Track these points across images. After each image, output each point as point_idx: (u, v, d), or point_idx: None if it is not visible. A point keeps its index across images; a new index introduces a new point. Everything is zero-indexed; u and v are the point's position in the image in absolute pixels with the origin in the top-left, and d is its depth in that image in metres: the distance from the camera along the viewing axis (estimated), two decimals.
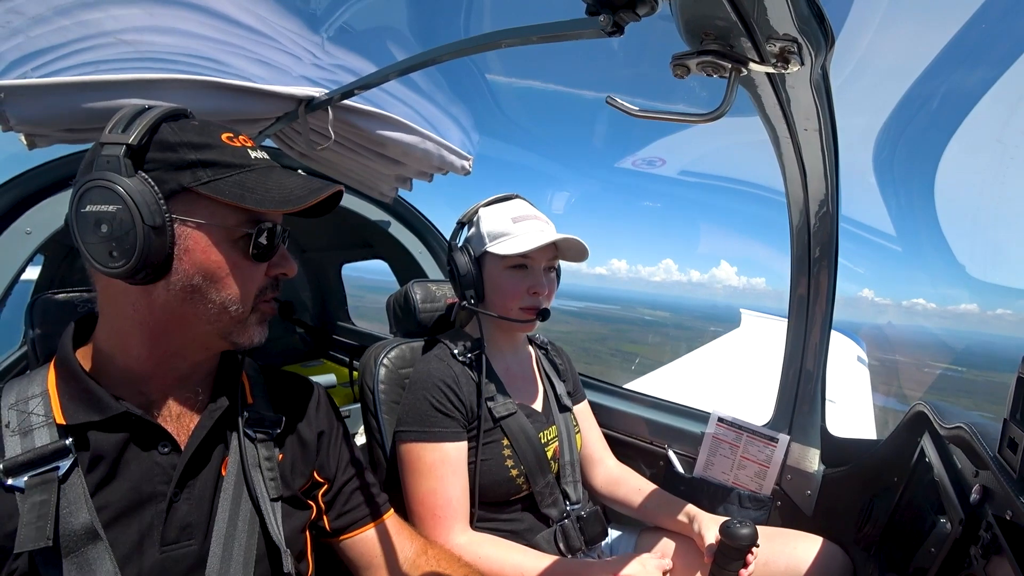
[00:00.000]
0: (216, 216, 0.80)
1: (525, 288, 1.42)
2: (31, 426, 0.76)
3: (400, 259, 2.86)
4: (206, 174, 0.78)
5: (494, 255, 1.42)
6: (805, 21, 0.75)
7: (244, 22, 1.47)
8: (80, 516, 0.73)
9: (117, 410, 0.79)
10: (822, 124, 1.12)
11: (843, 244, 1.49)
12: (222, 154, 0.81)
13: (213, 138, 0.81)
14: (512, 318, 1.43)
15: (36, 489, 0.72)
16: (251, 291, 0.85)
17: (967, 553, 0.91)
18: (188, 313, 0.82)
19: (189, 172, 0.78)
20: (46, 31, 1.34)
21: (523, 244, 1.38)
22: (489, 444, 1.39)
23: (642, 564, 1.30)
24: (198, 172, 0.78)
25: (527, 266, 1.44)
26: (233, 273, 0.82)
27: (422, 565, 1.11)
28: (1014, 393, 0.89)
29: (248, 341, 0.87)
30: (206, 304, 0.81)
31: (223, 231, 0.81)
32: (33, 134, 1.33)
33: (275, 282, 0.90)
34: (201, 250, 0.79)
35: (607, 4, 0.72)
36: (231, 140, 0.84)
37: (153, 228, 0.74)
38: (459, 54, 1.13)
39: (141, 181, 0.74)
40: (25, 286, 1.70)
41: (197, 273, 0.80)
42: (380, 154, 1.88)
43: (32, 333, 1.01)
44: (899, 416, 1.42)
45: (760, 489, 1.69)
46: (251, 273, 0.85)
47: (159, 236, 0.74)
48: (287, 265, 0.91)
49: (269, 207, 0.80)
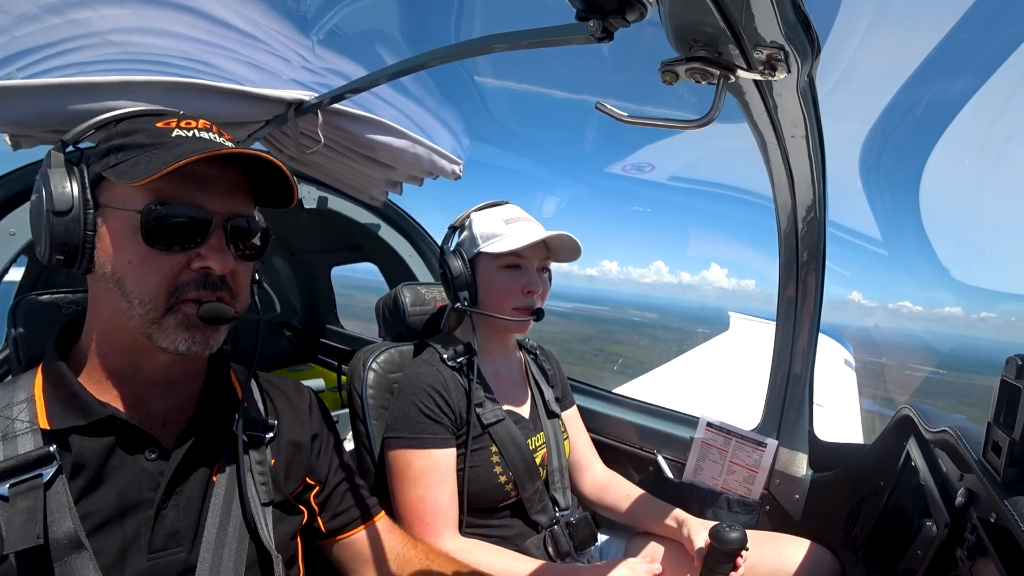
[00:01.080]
0: (124, 200, 0.76)
1: (519, 288, 1.42)
2: (15, 432, 0.74)
3: (390, 262, 2.86)
4: (115, 158, 0.77)
5: (487, 255, 1.42)
6: (792, 29, 0.75)
7: (234, 24, 1.46)
8: (64, 524, 0.71)
9: (102, 414, 0.77)
10: (809, 131, 1.13)
11: (830, 248, 1.50)
12: (139, 137, 0.78)
13: (146, 124, 0.79)
14: (507, 318, 1.43)
15: (20, 496, 0.70)
16: (158, 284, 0.76)
17: (953, 555, 0.92)
18: (113, 308, 0.78)
19: (105, 159, 0.77)
20: (32, 31, 1.32)
21: (516, 242, 1.39)
22: (478, 451, 1.38)
23: (631, 569, 1.30)
24: (110, 157, 0.77)
25: (520, 266, 1.44)
26: (136, 263, 0.75)
27: (414, 561, 1.10)
28: (997, 396, 0.90)
29: (171, 346, 0.77)
30: (121, 298, 0.76)
31: (125, 216, 0.76)
32: (18, 135, 1.31)
33: (203, 278, 0.79)
34: (109, 237, 0.77)
35: (597, 10, 0.72)
36: (167, 124, 0.80)
37: (56, 213, 0.73)
38: (450, 59, 1.13)
39: (61, 171, 0.76)
40: (7, 288, 1.68)
41: (107, 262, 0.76)
42: (370, 158, 1.87)
43: (15, 334, 0.99)
44: (878, 417, 1.44)
45: (749, 493, 1.69)
46: (156, 263, 0.76)
47: (66, 221, 0.74)
48: (212, 258, 0.78)
49: (135, 178, 0.72)
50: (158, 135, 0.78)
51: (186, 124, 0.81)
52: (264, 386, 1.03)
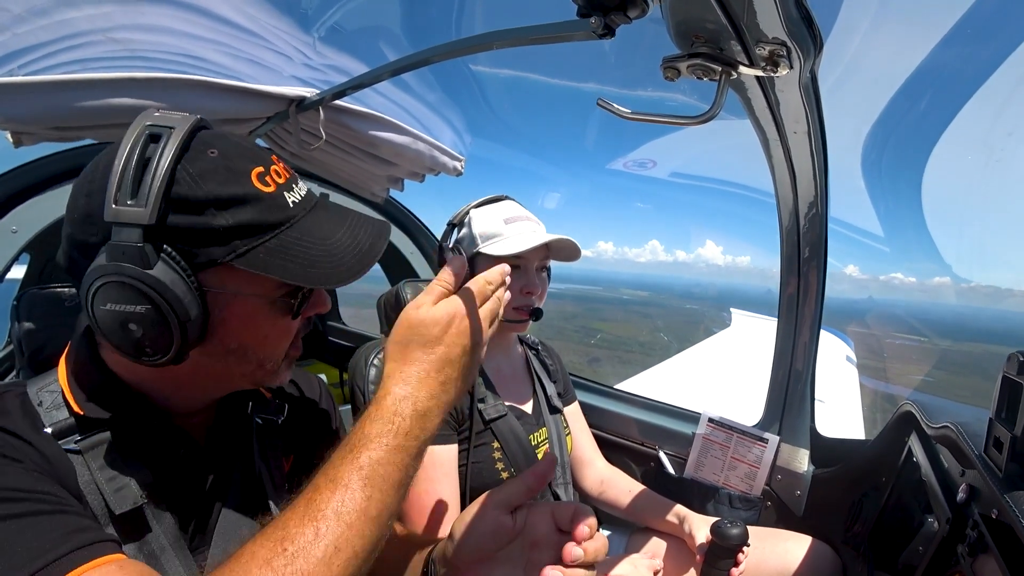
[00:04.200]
0: (254, 285, 0.71)
1: (518, 288, 1.42)
2: (61, 404, 0.72)
3: (391, 259, 2.86)
4: (241, 244, 0.67)
5: (486, 256, 1.41)
6: (794, 25, 0.75)
7: (235, 21, 1.46)
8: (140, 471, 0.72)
9: (143, 409, 0.75)
10: (811, 127, 1.13)
11: (831, 245, 1.50)
12: (257, 212, 0.68)
13: (243, 184, 0.67)
14: (506, 318, 1.43)
15: (93, 451, 0.69)
16: (287, 344, 0.80)
17: (954, 551, 0.92)
18: (220, 370, 0.76)
19: (221, 245, 0.66)
20: (34, 28, 1.33)
21: (516, 245, 1.38)
22: (479, 447, 1.39)
23: (633, 565, 1.30)
24: (233, 243, 0.67)
25: (520, 266, 1.44)
26: (271, 335, 0.76)
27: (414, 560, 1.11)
28: (999, 392, 0.90)
29: (278, 383, 0.83)
30: (241, 364, 0.76)
31: (262, 300, 0.73)
32: (19, 132, 1.32)
33: (308, 322, 0.83)
34: (239, 320, 0.72)
35: (598, 6, 0.72)
36: (262, 180, 0.69)
37: (189, 321, 0.66)
38: (451, 55, 1.13)
39: (167, 268, 0.63)
40: (10, 286, 1.68)
41: (234, 341, 0.73)
42: (372, 154, 1.87)
43: (18, 329, 0.99)
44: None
45: (750, 489, 1.70)
46: (289, 328, 0.78)
47: (195, 323, 0.67)
48: (322, 304, 0.81)
49: (317, 284, 0.71)
50: (276, 207, 0.70)
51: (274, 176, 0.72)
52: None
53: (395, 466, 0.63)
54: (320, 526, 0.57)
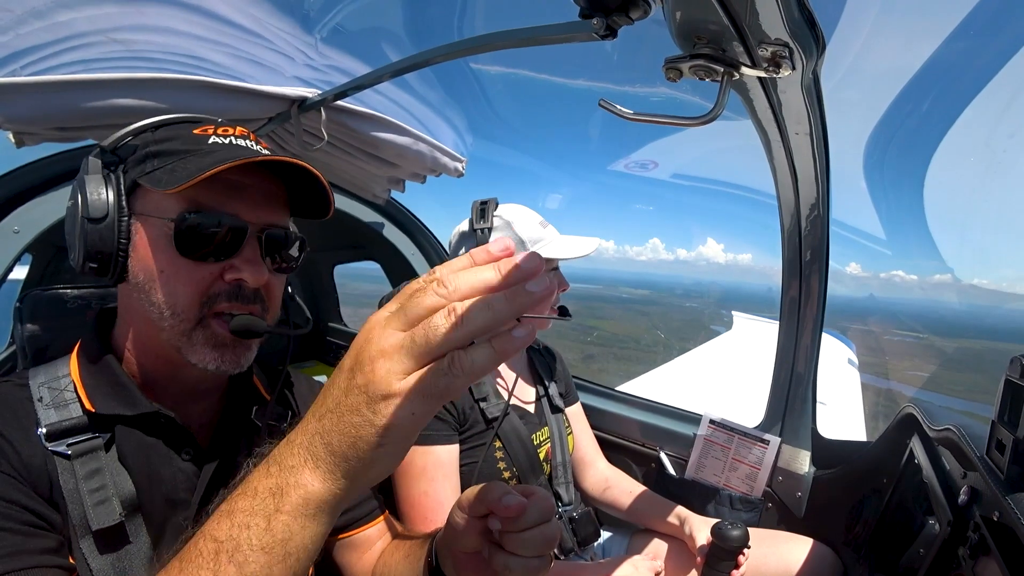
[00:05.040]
0: (159, 208, 0.74)
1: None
2: (65, 401, 0.73)
3: (392, 260, 2.86)
4: (152, 164, 0.74)
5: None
6: (797, 26, 0.75)
7: (237, 22, 1.46)
8: (126, 485, 0.72)
9: (149, 408, 0.76)
10: (813, 128, 1.13)
11: (833, 247, 1.50)
12: (176, 144, 0.75)
13: (183, 131, 0.77)
14: (547, 316, 1.41)
15: (83, 458, 0.70)
16: (189, 295, 0.74)
17: (955, 554, 0.92)
18: (145, 319, 0.76)
19: (141, 166, 0.75)
20: (36, 28, 1.33)
21: (567, 249, 1.40)
22: (481, 446, 1.38)
23: (634, 566, 1.30)
24: (147, 164, 0.74)
25: (556, 267, 1.47)
26: (168, 272, 0.73)
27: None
28: (1001, 395, 0.90)
29: (200, 363, 0.75)
30: (151, 307, 0.74)
31: (159, 224, 0.74)
32: (22, 132, 1.32)
33: (235, 290, 0.76)
34: (143, 245, 0.74)
35: (600, 7, 0.72)
36: (204, 131, 0.78)
37: (91, 220, 0.71)
38: (453, 56, 1.13)
39: (98, 178, 0.74)
40: (12, 287, 1.68)
41: (140, 271, 0.74)
42: (373, 155, 1.87)
43: (21, 330, 0.99)
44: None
45: (751, 491, 1.69)
46: (188, 273, 0.74)
47: (101, 229, 0.72)
48: (246, 270, 0.76)
49: (169, 185, 0.70)
50: (194, 142, 0.76)
51: (223, 131, 0.79)
52: (284, 384, 1.03)
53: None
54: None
